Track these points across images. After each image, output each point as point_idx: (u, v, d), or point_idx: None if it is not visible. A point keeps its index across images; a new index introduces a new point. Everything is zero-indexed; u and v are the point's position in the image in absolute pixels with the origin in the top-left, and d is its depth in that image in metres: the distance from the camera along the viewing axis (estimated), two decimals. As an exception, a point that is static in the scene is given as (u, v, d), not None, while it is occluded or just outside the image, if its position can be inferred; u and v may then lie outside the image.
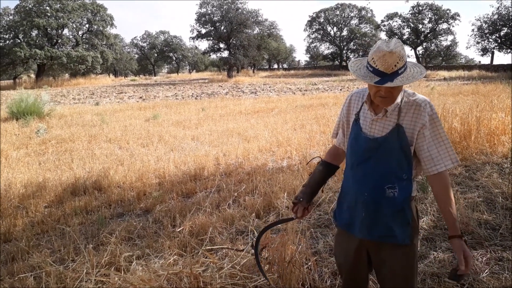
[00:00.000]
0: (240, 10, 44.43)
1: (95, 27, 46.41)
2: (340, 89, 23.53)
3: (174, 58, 74.74)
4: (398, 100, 1.76)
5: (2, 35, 40.20)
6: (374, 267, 1.93)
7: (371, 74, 1.67)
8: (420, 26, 47.44)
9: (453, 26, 47.06)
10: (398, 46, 1.65)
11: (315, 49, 63.49)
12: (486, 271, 2.87)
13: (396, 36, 47.90)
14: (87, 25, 46.32)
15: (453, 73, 35.38)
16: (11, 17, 40.92)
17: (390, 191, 1.76)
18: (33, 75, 49.27)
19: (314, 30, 61.32)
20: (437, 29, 46.96)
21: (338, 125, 2.11)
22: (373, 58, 1.66)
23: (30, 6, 40.23)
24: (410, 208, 1.79)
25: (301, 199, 2.04)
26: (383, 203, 1.77)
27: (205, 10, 44.91)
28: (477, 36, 41.86)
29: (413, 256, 1.83)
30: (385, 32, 49.82)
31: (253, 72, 56.12)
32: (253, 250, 2.93)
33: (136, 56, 73.94)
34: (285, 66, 73.81)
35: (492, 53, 41.81)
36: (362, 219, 1.83)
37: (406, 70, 1.67)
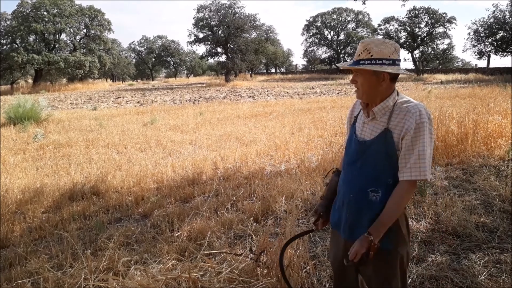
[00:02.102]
0: (237, 15, 44.58)
1: (93, 32, 46.45)
2: (338, 93, 23.60)
3: (171, 63, 74.83)
4: (390, 103, 1.77)
5: (-1, 40, 40.23)
6: (360, 269, 1.94)
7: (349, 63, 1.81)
8: (417, 29, 47.63)
9: (449, 30, 47.24)
10: (372, 40, 1.73)
11: (312, 53, 63.77)
12: (484, 273, 2.87)
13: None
14: (84, 30, 46.37)
15: (450, 77, 35.61)
16: (8, 22, 40.92)
17: (373, 194, 1.77)
18: (30, 80, 49.20)
19: (311, 34, 61.64)
20: (434, 32, 47.14)
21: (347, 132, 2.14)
22: None
23: (27, 11, 40.26)
24: None
25: (322, 213, 2.08)
26: (366, 206, 1.79)
27: (202, 14, 45.06)
28: (473, 39, 42.14)
29: (395, 264, 1.81)
30: (382, 36, 50.02)
31: (251, 76, 56.25)
32: (251, 255, 2.94)
33: (134, 60, 73.98)
34: (282, 70, 74.05)
35: (489, 57, 42.06)
36: (346, 220, 1.87)
37: (367, 66, 1.70)
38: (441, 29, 47.09)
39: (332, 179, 2.14)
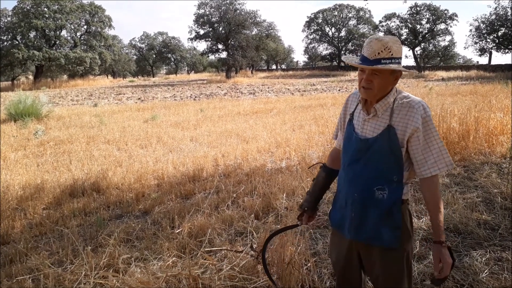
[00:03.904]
0: (238, 11, 44.42)
1: (93, 28, 46.38)
2: (339, 90, 23.55)
3: (172, 59, 74.69)
4: (391, 99, 1.75)
5: (0, 37, 40.14)
6: (365, 268, 1.92)
7: (355, 59, 1.73)
8: (418, 26, 47.45)
9: (451, 27, 47.27)
10: (389, 38, 1.67)
11: (313, 50, 63.57)
12: (485, 271, 2.86)
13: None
14: (85, 26, 46.30)
15: (451, 74, 35.48)
16: (9, 19, 40.86)
17: (380, 192, 1.74)
18: (31, 77, 49.16)
19: (312, 30, 61.43)
20: (435, 29, 46.97)
21: (338, 126, 2.11)
22: (363, 46, 1.72)
23: (28, 7, 40.17)
24: (401, 211, 1.76)
25: (306, 209, 2.10)
26: (372, 204, 1.76)
27: (203, 11, 44.92)
28: (475, 36, 41.93)
29: (402, 261, 1.81)
30: (383, 33, 49.87)
31: (252, 73, 56.13)
32: (252, 252, 2.93)
33: (135, 57, 73.85)
34: (283, 66, 73.96)
35: (490, 53, 41.89)
36: (351, 220, 1.83)
37: (392, 65, 1.67)
38: (442, 26, 46.93)
39: (319, 174, 2.12)
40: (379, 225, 1.76)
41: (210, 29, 44.95)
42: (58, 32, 43.07)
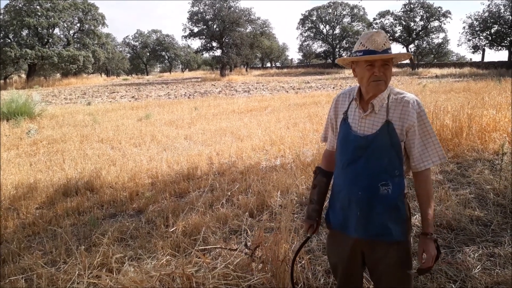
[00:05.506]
0: (232, 9, 44.35)
1: (87, 26, 46.09)
2: (333, 87, 23.60)
3: (166, 57, 74.43)
4: (385, 95, 1.77)
5: (-8, 35, 39.79)
6: (369, 266, 1.91)
7: (362, 56, 1.73)
8: (412, 24, 47.66)
9: (444, 24, 47.57)
10: (383, 31, 1.74)
11: (307, 48, 63.65)
12: (478, 267, 2.89)
13: (388, 34, 48.12)
14: (78, 24, 45.98)
15: (445, 71, 35.69)
16: (1, 17, 40.44)
17: (384, 188, 1.74)
18: (24, 75, 48.79)
19: (306, 28, 61.53)
20: (429, 26, 47.20)
21: (326, 128, 2.09)
22: (361, 43, 1.73)
23: (20, 5, 39.79)
24: (404, 204, 1.79)
25: (317, 219, 2.06)
26: (378, 201, 1.76)
27: (197, 8, 44.80)
28: (468, 33, 42.24)
29: (408, 253, 1.83)
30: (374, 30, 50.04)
31: (246, 70, 56.08)
32: (246, 250, 2.94)
33: (128, 55, 73.49)
34: (278, 64, 74.00)
35: (483, 51, 42.23)
36: (358, 219, 1.80)
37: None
38: (436, 23, 47.20)
39: (321, 180, 2.08)
40: (387, 221, 1.76)
41: (204, 26, 44.83)
42: (51, 30, 42.74)
